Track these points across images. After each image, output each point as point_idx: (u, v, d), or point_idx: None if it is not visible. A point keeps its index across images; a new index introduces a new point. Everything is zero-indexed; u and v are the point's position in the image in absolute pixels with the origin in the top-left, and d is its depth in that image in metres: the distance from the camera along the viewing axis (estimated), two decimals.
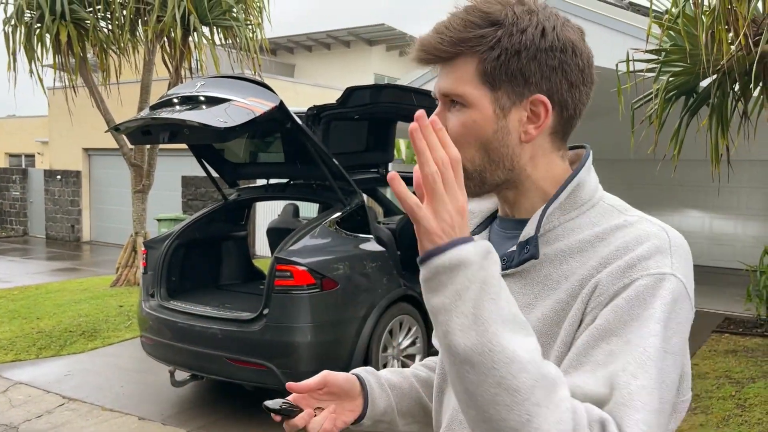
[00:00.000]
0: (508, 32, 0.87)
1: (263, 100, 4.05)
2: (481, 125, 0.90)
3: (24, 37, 8.40)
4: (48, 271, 12.16)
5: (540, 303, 0.91)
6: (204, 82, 4.41)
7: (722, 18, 4.39)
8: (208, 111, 4.00)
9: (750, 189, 12.01)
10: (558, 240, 0.92)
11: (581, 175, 0.94)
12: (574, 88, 0.91)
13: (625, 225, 0.90)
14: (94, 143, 16.68)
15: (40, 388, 5.23)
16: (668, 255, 0.86)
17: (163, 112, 4.18)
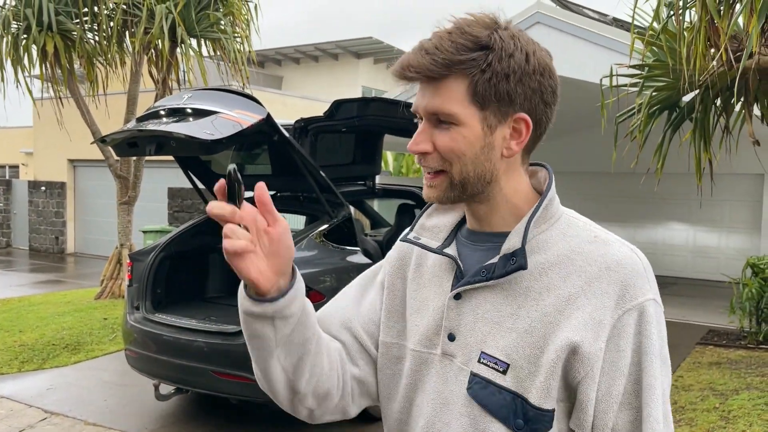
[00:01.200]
0: (497, 56, 0.93)
1: (250, 112, 4.05)
2: (471, 142, 0.95)
3: (10, 48, 8.35)
4: (31, 283, 12.02)
5: (524, 314, 0.97)
6: (191, 94, 4.41)
7: (703, 34, 4.47)
8: (195, 123, 3.99)
9: (732, 202, 12.16)
10: (534, 252, 0.99)
11: (551, 192, 1.03)
12: (547, 107, 0.99)
13: (597, 241, 1.00)
14: (80, 154, 16.57)
15: (22, 402, 5.15)
16: (645, 279, 0.97)
17: (150, 124, 4.16)
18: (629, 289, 0.94)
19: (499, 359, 0.96)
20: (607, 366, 0.93)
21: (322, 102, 16.93)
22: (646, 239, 13.11)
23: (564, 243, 0.99)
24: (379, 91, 22.54)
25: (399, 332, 1.11)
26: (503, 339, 0.97)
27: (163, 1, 8.41)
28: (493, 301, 0.99)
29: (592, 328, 0.93)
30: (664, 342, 0.98)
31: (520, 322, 0.96)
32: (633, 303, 0.94)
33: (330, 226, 4.70)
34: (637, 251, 0.99)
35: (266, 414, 4.87)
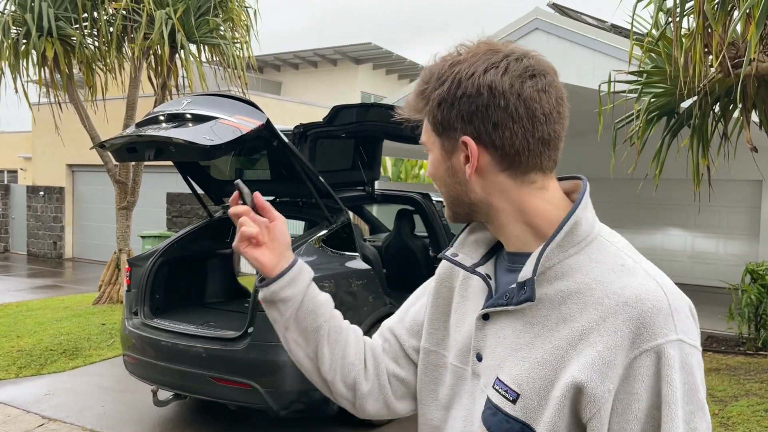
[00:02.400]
0: (432, 87, 0.98)
1: (250, 118, 4.06)
2: (437, 166, 1.03)
3: (10, 53, 8.36)
4: (29, 288, 11.99)
5: (539, 344, 0.94)
6: (191, 99, 4.41)
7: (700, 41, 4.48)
8: (195, 129, 3.99)
9: (731, 208, 12.18)
10: (557, 279, 0.95)
11: (578, 213, 0.98)
12: (500, 127, 0.95)
13: (622, 270, 0.93)
14: (78, 159, 16.56)
15: (20, 407, 5.13)
16: (670, 317, 0.88)
17: (149, 130, 4.16)
18: (647, 328, 0.87)
19: (510, 388, 0.95)
20: (620, 407, 0.88)
21: (321, 107, 16.95)
22: (645, 245, 13.11)
23: (589, 270, 0.94)
24: (378, 96, 22.58)
25: (439, 341, 1.13)
26: (517, 367, 0.95)
27: (163, 7, 8.43)
28: (514, 326, 0.98)
29: (600, 369, 0.87)
30: (697, 389, 0.88)
31: (534, 352, 0.94)
32: (650, 344, 0.87)
33: (329, 231, 4.70)
34: (665, 285, 0.91)
35: (264, 420, 4.86)
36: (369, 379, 1.18)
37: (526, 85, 0.94)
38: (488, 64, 0.95)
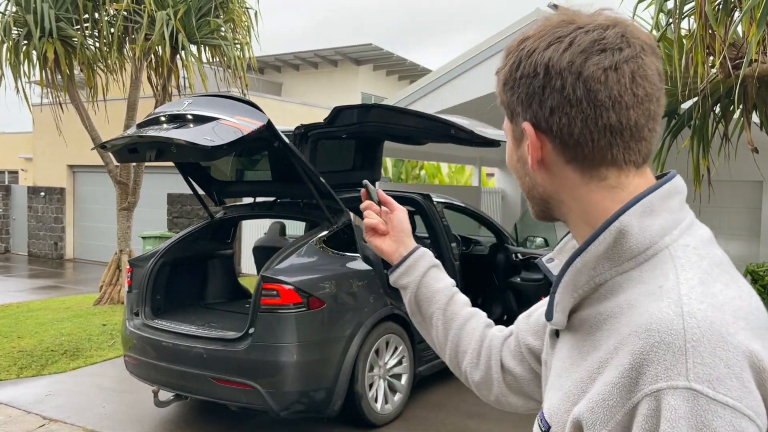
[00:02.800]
0: (500, 66, 0.90)
1: (251, 118, 4.06)
2: (510, 154, 0.94)
3: (11, 54, 8.37)
4: (30, 289, 11.99)
5: (572, 372, 0.83)
6: (192, 100, 4.42)
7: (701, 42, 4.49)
8: (196, 129, 4.00)
9: (731, 209, 12.18)
10: (604, 299, 0.81)
11: (625, 219, 0.80)
12: (556, 112, 0.82)
13: (655, 293, 0.76)
14: (79, 160, 16.57)
15: (21, 408, 5.14)
16: (682, 357, 0.69)
17: (150, 130, 4.17)
18: (649, 368, 0.70)
19: (544, 418, 0.86)
20: None
21: (321, 108, 16.96)
22: None
23: (632, 290, 0.78)
24: (378, 97, 22.58)
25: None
26: (553, 396, 0.85)
27: (164, 8, 8.44)
28: (567, 348, 0.86)
29: (597, 408, 0.74)
30: None
31: (567, 381, 0.82)
32: (650, 388, 0.69)
33: (330, 232, 4.71)
34: (692, 317, 0.71)
35: (265, 421, 4.86)
36: (480, 369, 1.18)
37: (590, 62, 0.80)
38: (552, 38, 0.83)
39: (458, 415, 4.99)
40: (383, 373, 4.77)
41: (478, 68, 9.52)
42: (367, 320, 4.55)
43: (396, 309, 4.87)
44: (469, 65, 9.60)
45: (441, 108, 10.02)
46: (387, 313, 4.75)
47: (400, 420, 4.85)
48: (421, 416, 4.95)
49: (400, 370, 4.93)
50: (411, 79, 23.02)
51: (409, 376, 5.00)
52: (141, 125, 4.37)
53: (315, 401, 4.28)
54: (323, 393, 4.28)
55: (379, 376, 4.73)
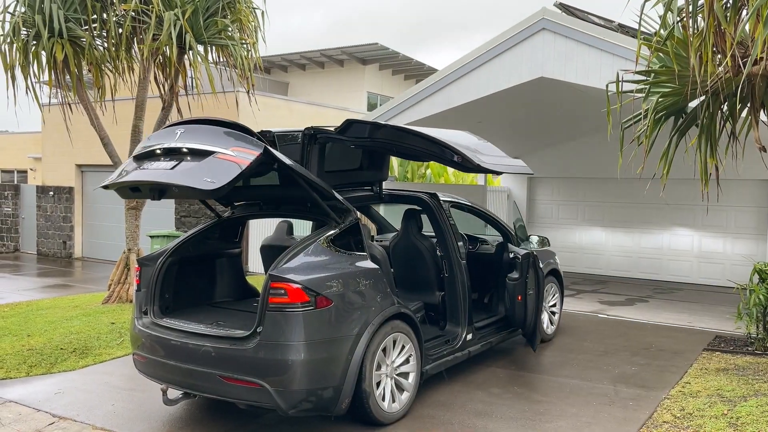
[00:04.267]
0: None
1: (247, 148, 4.08)
2: None
3: (20, 54, 8.43)
4: (39, 287, 12.08)
5: None
6: (183, 129, 4.40)
7: (710, 40, 4.48)
8: (194, 168, 4.01)
9: (738, 208, 12.13)
10: None
11: None
12: None
13: None
14: (88, 159, 16.67)
15: (30, 406, 5.18)
16: None
17: (149, 168, 4.22)
18: None
19: None
20: None
21: (328, 108, 16.99)
22: (652, 244, 13.08)
23: None
24: (384, 97, 22.58)
25: None
26: None
27: (172, 8, 8.48)
28: None
29: None
30: None
31: None
32: None
33: (337, 231, 4.73)
34: None
35: (274, 419, 4.89)
36: None
37: None
38: None
39: (465, 413, 5.00)
40: (390, 371, 4.79)
41: (484, 68, 9.51)
42: (374, 319, 4.57)
43: (403, 308, 4.88)
44: (475, 65, 9.60)
45: (446, 108, 10.03)
46: (394, 312, 4.77)
47: (407, 419, 4.87)
48: (428, 415, 4.96)
49: (407, 369, 4.94)
50: (417, 78, 23.02)
51: (416, 375, 5.01)
52: (138, 158, 4.42)
53: (323, 400, 4.30)
54: (331, 391, 4.30)
55: (386, 374, 4.75)
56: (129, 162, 4.53)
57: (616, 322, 8.66)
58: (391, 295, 4.83)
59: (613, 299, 10.55)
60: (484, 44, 9.52)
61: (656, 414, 4.95)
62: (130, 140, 9.41)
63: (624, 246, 13.46)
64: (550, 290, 7.47)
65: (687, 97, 5.39)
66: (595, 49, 8.38)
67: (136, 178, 4.25)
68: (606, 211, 13.69)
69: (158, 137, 4.49)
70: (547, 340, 7.33)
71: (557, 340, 7.44)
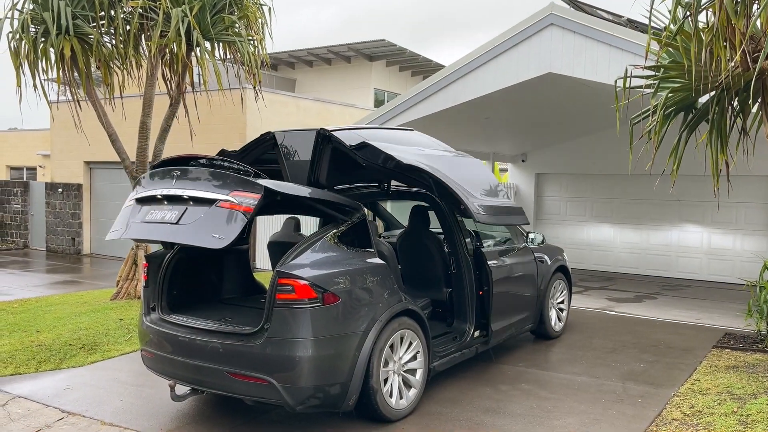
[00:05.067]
0: None
1: (247, 192, 4.09)
2: None
3: (28, 51, 8.46)
4: (48, 284, 12.15)
5: None
6: (179, 173, 4.43)
7: (721, 35, 4.43)
8: (201, 222, 4.07)
9: (749, 204, 12.04)
10: None
11: None
12: None
13: None
14: (96, 156, 16.73)
15: (40, 401, 5.21)
16: None
17: (154, 220, 4.31)
18: None
19: None
20: None
21: (335, 104, 16.97)
22: (661, 241, 13.01)
23: None
24: (391, 93, 22.55)
25: None
26: None
27: (179, 5, 8.48)
28: None
29: None
30: None
31: None
32: None
33: (344, 227, 4.72)
34: None
35: (281, 415, 4.89)
36: None
37: None
38: None
39: (473, 410, 4.99)
40: (398, 368, 4.78)
41: (491, 64, 9.47)
42: (381, 315, 4.56)
43: (410, 304, 4.87)
44: (482, 61, 9.56)
45: (453, 104, 10.00)
46: (401, 309, 4.76)
47: (414, 415, 4.86)
48: (435, 411, 4.95)
49: (414, 366, 4.93)
50: (424, 75, 22.97)
51: (423, 372, 5.00)
52: (141, 201, 4.51)
53: (330, 396, 4.30)
54: (338, 388, 4.30)
55: (393, 371, 4.74)
56: (133, 209, 4.57)
57: (625, 319, 8.62)
58: (398, 291, 4.82)
59: (621, 296, 10.50)
60: (491, 40, 9.47)
61: (665, 411, 4.93)
62: (138, 137, 9.43)
63: (632, 243, 13.40)
64: (558, 287, 7.45)
65: (697, 93, 5.34)
66: (603, 44, 8.33)
67: (144, 236, 4.40)
68: (614, 208, 13.63)
69: (155, 183, 4.54)
70: (555, 336, 7.31)
71: (565, 337, 7.42)
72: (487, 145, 14.48)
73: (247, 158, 5.55)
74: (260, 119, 14.03)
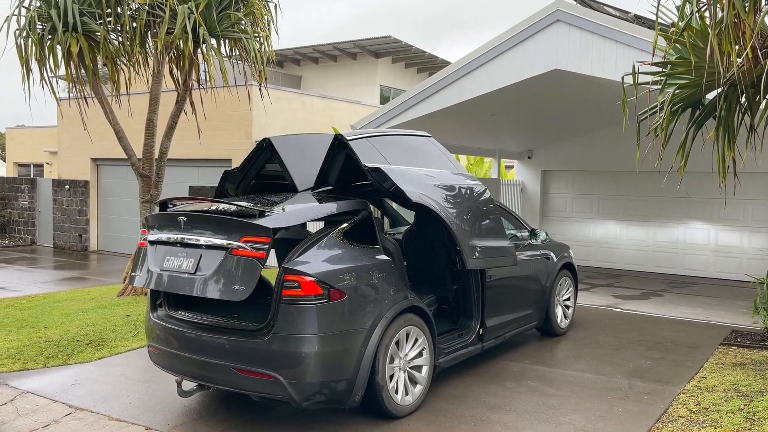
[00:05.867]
0: None
1: (257, 235, 4.17)
2: None
3: (36, 49, 8.49)
4: (55, 280, 12.21)
5: None
6: (185, 219, 4.51)
7: (730, 30, 4.41)
8: (219, 273, 4.20)
9: (756, 201, 11.97)
10: None
11: None
12: None
13: None
14: (103, 153, 16.79)
15: (47, 397, 5.24)
16: None
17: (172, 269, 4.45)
18: None
19: None
20: None
21: (341, 101, 16.97)
22: (667, 238, 12.96)
23: None
24: (397, 90, 22.52)
25: None
26: None
27: (185, 2, 8.49)
28: None
29: None
30: None
31: None
32: None
33: (350, 224, 4.72)
34: None
35: (287, 411, 4.91)
36: None
37: None
38: None
39: (479, 407, 5.00)
40: (403, 364, 4.79)
41: (497, 60, 9.45)
42: (387, 312, 4.56)
43: (416, 301, 4.87)
44: (488, 57, 9.54)
45: (459, 100, 9.97)
46: (407, 305, 4.76)
47: (420, 411, 4.87)
48: (441, 408, 4.96)
49: (420, 362, 4.94)
50: (430, 71, 22.92)
51: (429, 368, 5.01)
52: (154, 242, 4.67)
53: (336, 392, 4.31)
54: (344, 384, 4.31)
55: (399, 367, 4.75)
56: (150, 252, 4.70)
57: (631, 316, 8.60)
58: (404, 288, 4.83)
59: (627, 293, 10.47)
60: (497, 36, 9.45)
61: (671, 408, 4.92)
62: (144, 133, 9.46)
63: (639, 240, 13.36)
64: (564, 284, 7.44)
65: (704, 89, 5.31)
66: (610, 40, 8.29)
67: (167, 288, 4.51)
68: (621, 205, 13.59)
69: (165, 227, 4.65)
70: (561, 334, 7.30)
71: (571, 334, 7.41)
72: (493, 141, 14.46)
73: (251, 171, 5.67)
74: (266, 116, 14.05)
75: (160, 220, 4.75)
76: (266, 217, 4.31)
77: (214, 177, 14.80)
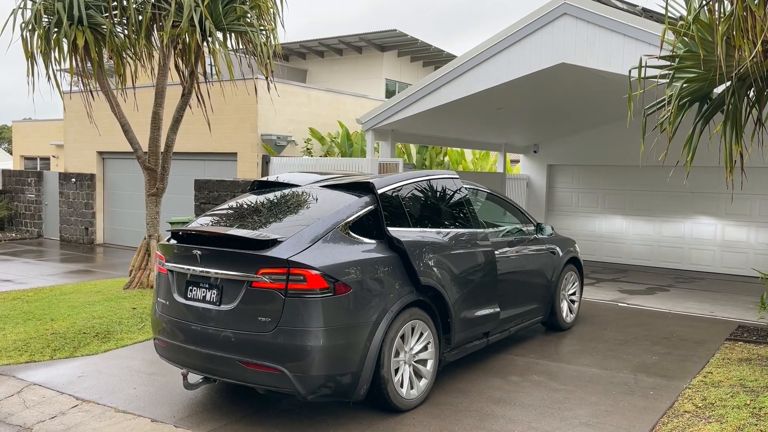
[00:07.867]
0: None
1: (273, 267, 4.21)
2: None
3: (42, 42, 8.50)
4: (62, 273, 12.27)
5: None
6: (201, 252, 4.54)
7: (740, 24, 4.37)
8: (245, 308, 4.29)
9: (763, 196, 11.91)
10: None
11: None
12: None
13: None
14: (109, 146, 16.84)
15: (54, 389, 5.27)
16: None
17: (198, 305, 4.53)
18: None
19: None
20: None
21: (347, 95, 16.95)
22: (673, 233, 12.92)
23: None
24: (402, 84, 22.47)
25: None
26: None
27: None
28: None
29: None
30: None
31: None
32: None
33: (356, 218, 4.72)
34: None
35: (293, 404, 4.92)
36: None
37: None
38: None
39: (483, 401, 5.00)
40: (409, 358, 4.79)
41: (503, 54, 9.40)
42: (392, 306, 4.57)
43: (421, 295, 4.87)
44: (494, 51, 9.49)
45: (465, 94, 9.94)
46: (412, 299, 4.76)
47: (425, 405, 4.87)
48: (446, 402, 4.96)
49: (425, 356, 4.94)
50: (435, 65, 22.86)
51: (434, 362, 5.01)
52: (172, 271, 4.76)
53: (341, 385, 4.32)
54: (349, 377, 4.32)
55: (404, 361, 4.75)
56: (171, 279, 4.77)
57: (637, 311, 8.59)
58: (409, 282, 4.82)
59: (633, 288, 10.45)
60: (504, 30, 9.40)
61: (677, 403, 4.91)
62: (150, 127, 9.47)
63: (645, 234, 13.32)
64: (570, 278, 7.42)
65: (712, 83, 5.28)
66: (617, 34, 8.24)
67: (193, 321, 4.56)
68: (627, 199, 13.54)
69: (182, 258, 4.69)
70: (566, 328, 7.29)
71: (577, 329, 7.40)
72: (499, 136, 14.42)
73: None
74: (273, 109, 14.04)
75: (176, 249, 4.78)
76: (279, 245, 4.30)
77: (220, 170, 14.83)
